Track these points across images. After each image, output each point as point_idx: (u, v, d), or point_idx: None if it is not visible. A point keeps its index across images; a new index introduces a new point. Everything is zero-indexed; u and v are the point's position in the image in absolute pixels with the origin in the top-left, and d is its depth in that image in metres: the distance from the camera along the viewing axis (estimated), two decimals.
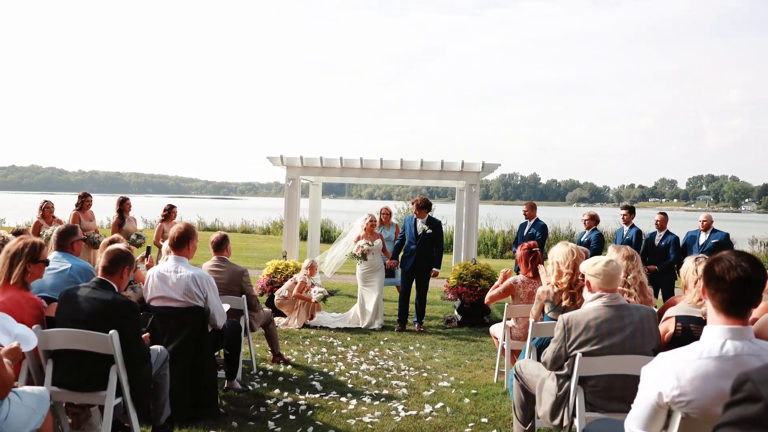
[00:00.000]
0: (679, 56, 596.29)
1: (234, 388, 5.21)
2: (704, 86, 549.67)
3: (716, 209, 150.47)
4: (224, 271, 5.63)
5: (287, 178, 9.98)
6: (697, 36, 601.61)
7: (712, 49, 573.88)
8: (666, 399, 2.13)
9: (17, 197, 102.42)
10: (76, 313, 3.56)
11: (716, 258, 2.13)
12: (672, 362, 2.15)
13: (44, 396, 2.95)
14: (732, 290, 2.06)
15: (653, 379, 2.18)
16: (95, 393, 3.54)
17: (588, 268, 3.52)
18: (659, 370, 2.17)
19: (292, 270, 8.86)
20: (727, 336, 2.09)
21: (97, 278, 3.69)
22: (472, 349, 7.16)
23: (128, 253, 3.86)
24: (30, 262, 3.64)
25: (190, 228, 4.82)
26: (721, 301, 2.09)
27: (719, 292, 2.09)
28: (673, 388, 2.10)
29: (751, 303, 2.09)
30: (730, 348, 2.08)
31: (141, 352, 3.66)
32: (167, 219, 9.72)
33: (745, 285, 2.05)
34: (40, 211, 9.34)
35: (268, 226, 28.11)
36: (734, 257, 2.10)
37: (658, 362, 2.21)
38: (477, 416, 4.76)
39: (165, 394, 4.03)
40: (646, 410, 2.19)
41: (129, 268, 3.79)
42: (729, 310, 2.08)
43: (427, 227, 8.23)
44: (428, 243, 8.23)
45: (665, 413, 2.18)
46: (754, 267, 2.07)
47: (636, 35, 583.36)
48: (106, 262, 3.70)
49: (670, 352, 2.22)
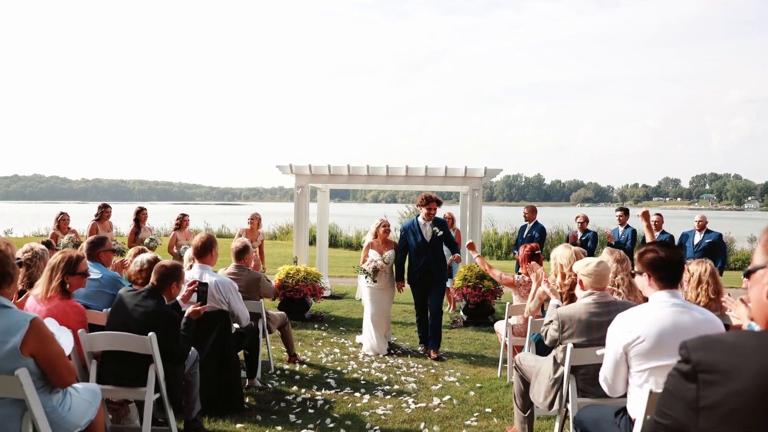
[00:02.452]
0: (683, 57, 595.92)
1: (255, 386, 5.58)
2: (708, 86, 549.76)
3: (719, 207, 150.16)
4: (242, 278, 6.00)
5: (296, 186, 10.38)
6: (701, 36, 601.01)
7: (716, 48, 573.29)
8: (626, 343, 2.85)
9: (21, 207, 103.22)
10: (126, 317, 3.96)
11: (643, 251, 2.96)
12: (627, 318, 2.91)
13: (96, 390, 3.33)
14: (662, 268, 2.89)
15: (615, 334, 2.91)
16: (136, 389, 3.91)
17: (581, 268, 3.88)
18: (619, 326, 2.92)
19: (304, 274, 9.21)
20: (667, 296, 2.89)
21: (149, 287, 4.09)
22: (477, 346, 7.51)
23: (174, 270, 4.20)
24: (67, 274, 3.98)
25: (212, 238, 5.22)
26: (658, 278, 2.91)
27: (655, 271, 2.90)
28: (630, 334, 2.84)
29: (678, 275, 2.93)
30: (669, 302, 2.87)
31: (179, 354, 4.04)
32: (180, 228, 10.10)
33: (668, 264, 2.89)
34: (56, 222, 9.75)
35: (275, 231, 28.41)
36: (658, 247, 2.94)
37: (617, 320, 2.95)
38: (481, 407, 5.13)
39: (196, 391, 4.40)
40: (613, 360, 2.92)
41: (177, 283, 4.18)
42: (664, 282, 2.91)
43: (437, 229, 7.11)
44: (438, 247, 7.18)
45: (625, 361, 2.89)
46: (673, 251, 2.92)
47: (642, 36, 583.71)
48: (155, 280, 4.10)
49: (625, 313, 2.97)
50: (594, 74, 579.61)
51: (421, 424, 4.73)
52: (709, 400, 1.37)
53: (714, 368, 1.38)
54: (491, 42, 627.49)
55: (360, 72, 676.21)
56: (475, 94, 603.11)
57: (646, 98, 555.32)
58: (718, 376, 1.36)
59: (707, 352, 1.41)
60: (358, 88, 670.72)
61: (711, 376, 1.38)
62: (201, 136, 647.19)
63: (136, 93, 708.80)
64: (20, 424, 2.75)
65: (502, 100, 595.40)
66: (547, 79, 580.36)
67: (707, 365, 1.39)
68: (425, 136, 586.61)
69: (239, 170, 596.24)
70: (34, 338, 2.72)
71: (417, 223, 7.21)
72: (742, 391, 1.32)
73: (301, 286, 8.93)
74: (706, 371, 1.39)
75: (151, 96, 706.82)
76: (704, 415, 1.37)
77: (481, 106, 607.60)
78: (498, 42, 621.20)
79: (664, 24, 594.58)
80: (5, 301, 2.77)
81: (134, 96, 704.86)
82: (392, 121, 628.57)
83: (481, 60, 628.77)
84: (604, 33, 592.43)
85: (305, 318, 8.95)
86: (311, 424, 4.66)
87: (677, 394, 1.45)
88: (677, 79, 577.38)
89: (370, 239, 7.42)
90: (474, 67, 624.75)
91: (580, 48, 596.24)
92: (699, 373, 1.40)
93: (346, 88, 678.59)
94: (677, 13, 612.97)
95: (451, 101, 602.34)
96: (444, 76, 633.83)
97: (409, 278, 7.28)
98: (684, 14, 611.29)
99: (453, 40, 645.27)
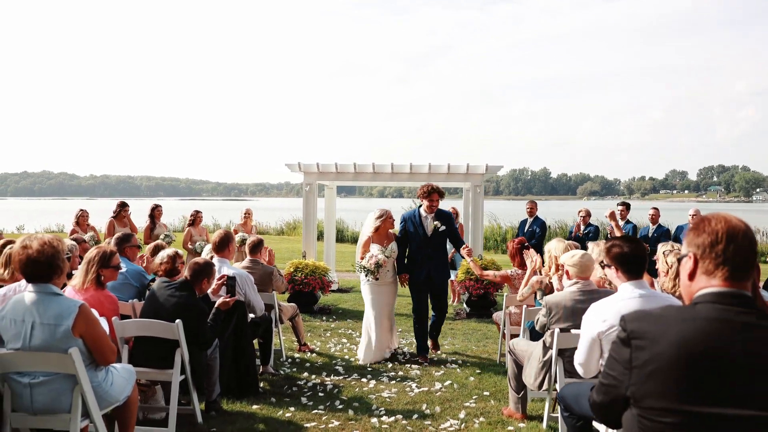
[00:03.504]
0: (687, 48, 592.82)
1: (268, 372, 5.98)
2: (713, 77, 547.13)
3: (728, 200, 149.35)
4: (256, 272, 6.40)
5: (305, 183, 10.78)
6: (705, 27, 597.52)
7: (721, 39, 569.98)
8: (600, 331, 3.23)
9: (31, 203, 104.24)
10: (159, 307, 4.41)
11: (609, 246, 3.39)
12: (600, 308, 3.28)
13: (132, 370, 3.72)
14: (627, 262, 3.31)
15: (591, 321, 3.29)
16: (164, 370, 4.32)
17: (567, 259, 4.26)
18: (593, 314, 3.30)
19: (312, 268, 9.59)
20: (632, 287, 3.28)
21: (182, 279, 4.55)
22: (478, 336, 7.89)
23: (207, 267, 4.67)
24: (102, 267, 4.38)
25: (229, 234, 5.68)
26: (624, 270, 3.31)
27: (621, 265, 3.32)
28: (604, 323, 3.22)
29: (642, 267, 3.32)
30: (636, 293, 3.25)
31: (205, 342, 4.48)
32: (194, 224, 10.52)
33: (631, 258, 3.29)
34: (76, 218, 10.17)
35: (282, 227, 28.85)
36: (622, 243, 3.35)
37: (592, 309, 3.32)
38: (480, 390, 5.52)
39: (215, 375, 4.80)
40: (587, 345, 3.32)
41: (208, 279, 4.65)
42: (629, 274, 3.31)
43: (440, 223, 6.60)
44: (441, 242, 6.74)
45: (599, 346, 3.29)
46: (636, 246, 3.33)
47: (644, 28, 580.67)
48: (189, 275, 4.59)
49: (598, 302, 3.34)
50: (595, 67, 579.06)
51: (423, 405, 5.12)
52: (639, 361, 1.74)
53: (644, 335, 1.75)
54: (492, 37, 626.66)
55: (361, 70, 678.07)
56: (477, 90, 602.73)
57: (648, 90, 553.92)
58: (646, 341, 1.74)
59: (639, 323, 1.79)
60: (360, 85, 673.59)
61: (641, 342, 1.75)
62: (207, 132, 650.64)
63: (142, 90, 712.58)
64: (71, 396, 3.16)
65: (503, 95, 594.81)
66: (556, 74, 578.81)
67: (638, 333, 1.76)
68: (427, 133, 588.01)
69: (246, 166, 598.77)
70: (82, 321, 3.13)
71: (418, 214, 6.70)
72: (662, 353, 1.70)
73: (309, 280, 9.32)
74: (638, 338, 1.76)
75: (158, 93, 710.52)
76: (635, 372, 1.74)
77: (483, 101, 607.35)
78: (499, 37, 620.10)
79: (666, 15, 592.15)
80: (56, 289, 3.18)
81: (141, 93, 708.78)
82: (394, 119, 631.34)
83: (482, 56, 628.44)
84: (605, 25, 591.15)
85: (314, 311, 9.34)
86: (321, 406, 5.05)
87: (616, 357, 1.82)
88: (680, 71, 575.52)
89: (369, 233, 6.70)
90: (475, 63, 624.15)
91: (581, 41, 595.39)
92: (632, 339, 1.77)
93: (348, 85, 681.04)
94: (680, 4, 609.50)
95: (453, 98, 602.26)
96: (447, 72, 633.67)
97: (407, 277, 6.73)
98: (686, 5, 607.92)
99: (455, 35, 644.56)
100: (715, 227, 1.82)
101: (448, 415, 4.90)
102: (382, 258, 6.49)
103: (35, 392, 3.14)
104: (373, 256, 6.50)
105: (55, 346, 3.09)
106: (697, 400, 1.65)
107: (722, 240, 1.80)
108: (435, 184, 6.76)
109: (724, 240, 1.80)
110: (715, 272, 1.80)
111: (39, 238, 3.16)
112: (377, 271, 6.49)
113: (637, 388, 1.74)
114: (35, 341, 3.10)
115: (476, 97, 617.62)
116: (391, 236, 6.80)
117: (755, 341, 1.67)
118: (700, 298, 1.80)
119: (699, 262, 1.83)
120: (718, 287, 1.78)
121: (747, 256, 1.81)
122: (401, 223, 6.82)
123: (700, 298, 1.80)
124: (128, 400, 3.56)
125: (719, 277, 1.79)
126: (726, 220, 1.83)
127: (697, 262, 1.84)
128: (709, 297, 1.78)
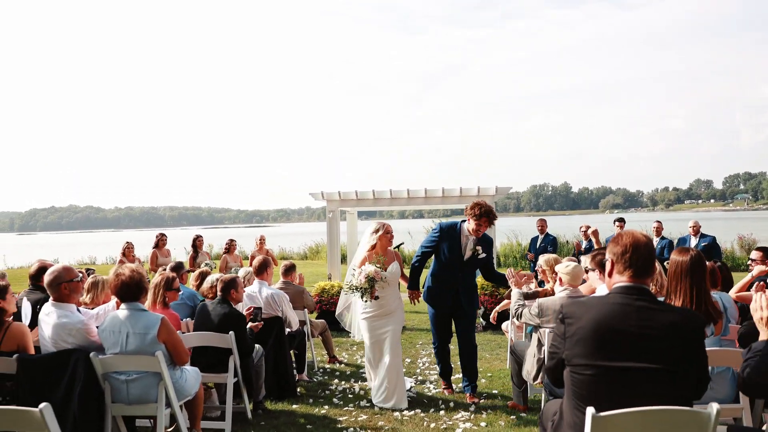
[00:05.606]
0: (706, 54, 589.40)
1: (303, 379, 6.81)
2: (735, 83, 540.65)
3: (756, 207, 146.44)
4: (289, 291, 7.26)
5: (328, 210, 11.70)
6: (723, 32, 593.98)
7: (741, 44, 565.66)
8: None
9: (60, 237, 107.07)
10: (207, 320, 5.26)
11: (595, 254, 4.26)
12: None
13: (198, 371, 4.58)
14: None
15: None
16: (220, 374, 5.17)
17: (561, 268, 5.04)
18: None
19: (338, 290, 10.41)
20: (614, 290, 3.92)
21: (219, 297, 5.39)
22: (492, 346, 8.62)
23: (230, 281, 5.54)
24: (166, 290, 5.28)
25: (267, 260, 6.60)
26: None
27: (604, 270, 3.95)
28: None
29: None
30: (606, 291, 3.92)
31: (246, 347, 5.31)
32: (229, 251, 11.46)
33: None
34: (123, 250, 11.20)
35: (305, 251, 29.61)
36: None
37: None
38: (489, 390, 6.31)
39: (261, 379, 5.64)
40: None
41: (235, 290, 5.46)
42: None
43: (480, 249, 5.70)
44: (473, 270, 5.90)
45: None
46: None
47: (660, 35, 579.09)
48: (220, 290, 5.44)
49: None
50: (611, 77, 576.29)
51: (440, 401, 5.89)
52: (569, 333, 2.54)
53: (572, 315, 2.55)
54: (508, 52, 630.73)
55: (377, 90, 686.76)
56: (490, 106, 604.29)
57: (666, 98, 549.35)
58: (573, 319, 2.54)
59: (571, 307, 2.59)
60: (376, 106, 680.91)
61: (571, 320, 2.55)
62: (227, 161, 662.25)
63: (161, 124, 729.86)
64: (157, 390, 4.04)
65: (519, 109, 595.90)
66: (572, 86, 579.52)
67: (569, 314, 2.57)
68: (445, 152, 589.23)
69: (266, 193, 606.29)
70: (164, 330, 4.01)
71: (459, 230, 5.75)
72: (584, 326, 2.50)
73: (335, 300, 10.13)
74: (569, 317, 2.57)
75: (176, 126, 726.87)
76: (567, 341, 2.54)
77: (501, 116, 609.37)
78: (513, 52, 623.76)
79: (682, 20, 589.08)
80: (143, 306, 4.08)
81: (160, 126, 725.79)
82: (410, 137, 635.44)
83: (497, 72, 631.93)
84: (619, 33, 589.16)
85: (341, 328, 10.11)
86: (351, 405, 5.85)
87: (556, 332, 2.63)
88: (699, 77, 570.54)
89: (365, 253, 5.80)
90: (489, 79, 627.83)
91: (596, 52, 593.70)
92: (565, 318, 2.58)
93: (363, 107, 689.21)
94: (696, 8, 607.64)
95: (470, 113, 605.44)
96: (463, 89, 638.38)
97: (428, 294, 5.87)
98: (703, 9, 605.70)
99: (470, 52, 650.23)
100: (625, 241, 2.62)
101: (460, 408, 5.67)
102: (372, 269, 5.47)
103: (130, 387, 4.02)
104: (361, 271, 5.53)
105: (144, 350, 3.97)
106: (605, 358, 2.44)
107: (629, 250, 2.60)
108: (489, 205, 5.66)
109: (630, 250, 2.60)
110: (624, 272, 2.60)
111: (128, 267, 4.07)
112: (372, 287, 5.50)
113: (569, 352, 2.54)
114: (130, 347, 3.98)
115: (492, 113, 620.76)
116: (392, 255, 5.84)
117: (646, 318, 2.46)
118: (614, 289, 2.60)
119: (615, 264, 2.64)
120: (625, 282, 2.58)
121: (646, 262, 2.60)
122: (436, 233, 5.82)
123: (613, 290, 2.60)
124: (197, 395, 4.42)
125: (627, 275, 2.59)
126: (633, 236, 2.63)
127: (614, 265, 2.64)
128: (618, 289, 2.58)
